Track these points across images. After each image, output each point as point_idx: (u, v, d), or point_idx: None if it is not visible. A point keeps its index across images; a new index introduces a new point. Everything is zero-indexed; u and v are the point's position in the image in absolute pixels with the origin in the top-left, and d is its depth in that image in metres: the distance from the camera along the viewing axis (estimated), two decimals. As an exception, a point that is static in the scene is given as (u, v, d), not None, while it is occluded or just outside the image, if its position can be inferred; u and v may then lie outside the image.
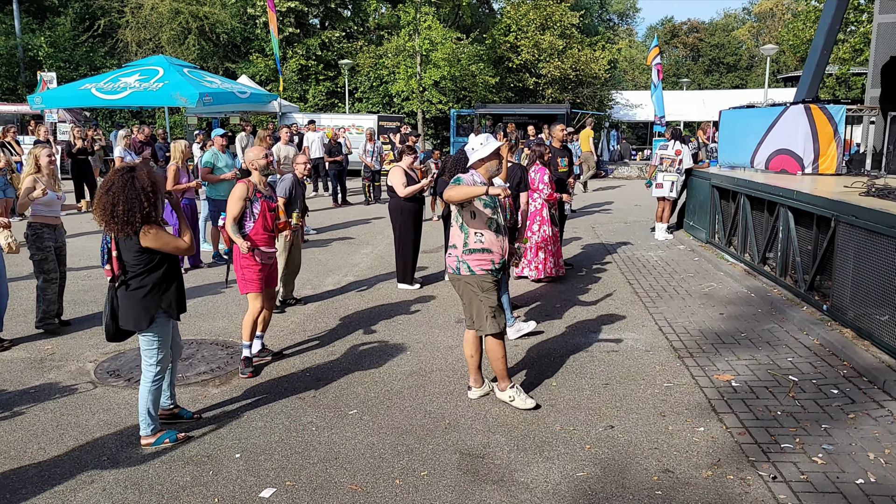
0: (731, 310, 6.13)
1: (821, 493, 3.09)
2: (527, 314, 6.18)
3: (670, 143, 9.70)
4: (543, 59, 26.28)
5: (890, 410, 3.90)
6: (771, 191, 6.94)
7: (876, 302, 4.81)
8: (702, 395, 4.27)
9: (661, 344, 5.28)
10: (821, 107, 8.32)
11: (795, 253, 6.36)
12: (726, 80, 48.50)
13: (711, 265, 7.99)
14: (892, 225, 4.61)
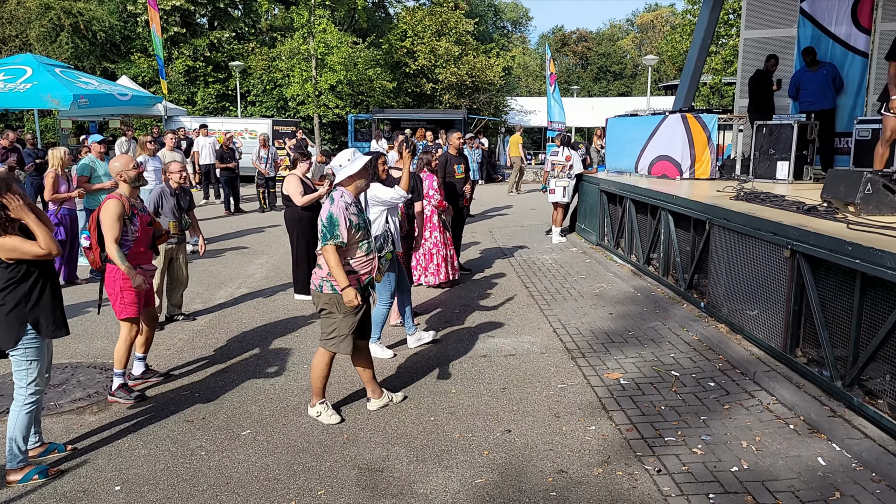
0: (620, 309, 6.42)
1: (700, 483, 3.29)
2: (428, 321, 6.20)
3: (560, 149, 10.06)
4: (440, 65, 26.59)
5: (760, 400, 4.22)
6: (653, 195, 7.35)
7: (746, 298, 5.20)
8: (593, 394, 4.44)
9: (556, 346, 5.45)
10: (696, 116, 8.91)
11: (676, 254, 6.77)
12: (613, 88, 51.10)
13: (601, 266, 8.36)
14: (757, 227, 4.99)
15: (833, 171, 5.79)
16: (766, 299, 4.86)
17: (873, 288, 3.78)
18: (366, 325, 4.17)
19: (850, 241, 3.88)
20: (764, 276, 4.89)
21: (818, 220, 4.82)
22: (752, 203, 5.89)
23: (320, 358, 4.06)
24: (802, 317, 4.50)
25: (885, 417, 3.55)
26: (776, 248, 4.69)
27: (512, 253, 9.51)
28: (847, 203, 5.09)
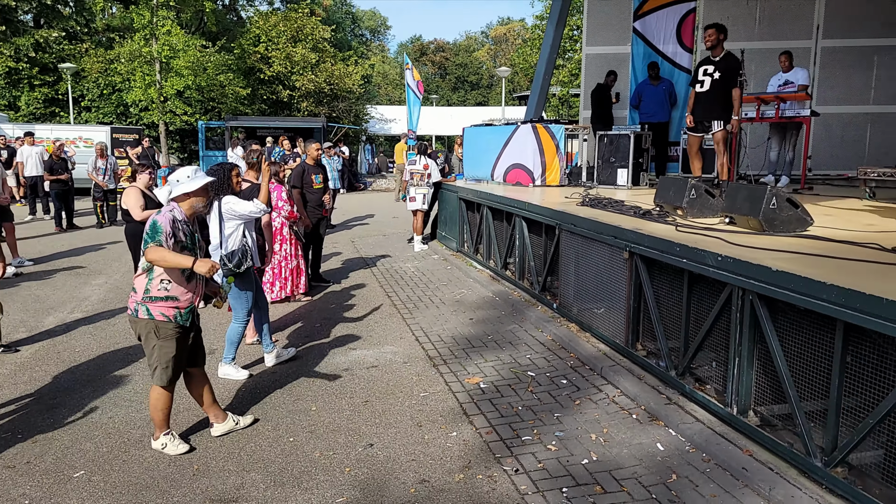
0: (480, 314, 6.59)
1: (555, 478, 3.43)
2: (288, 337, 5.99)
3: (418, 158, 10.18)
4: (297, 72, 25.98)
5: (606, 393, 4.49)
6: (508, 202, 7.63)
7: (593, 298, 5.53)
8: (455, 400, 4.50)
9: (419, 354, 5.47)
10: (545, 126, 9.39)
11: (530, 258, 7.06)
12: (471, 97, 52.72)
13: (462, 273, 8.54)
14: (600, 231, 5.33)
15: (663, 178, 6.33)
16: (610, 298, 5.20)
17: (699, 284, 4.16)
18: (198, 352, 3.92)
19: (679, 242, 4.24)
20: (607, 276, 5.23)
21: (652, 223, 5.23)
22: (596, 208, 6.28)
23: (155, 390, 3.77)
24: (641, 313, 4.86)
25: (712, 402, 3.91)
26: (617, 251, 5.03)
27: (374, 262, 9.46)
28: (676, 207, 5.58)
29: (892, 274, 3.21)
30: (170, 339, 3.66)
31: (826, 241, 4.15)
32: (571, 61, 28.38)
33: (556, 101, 30.87)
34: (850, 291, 2.82)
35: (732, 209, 4.98)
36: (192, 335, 3.82)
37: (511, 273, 7.73)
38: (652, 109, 10.07)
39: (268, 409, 4.39)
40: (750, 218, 4.70)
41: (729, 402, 3.75)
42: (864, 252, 3.77)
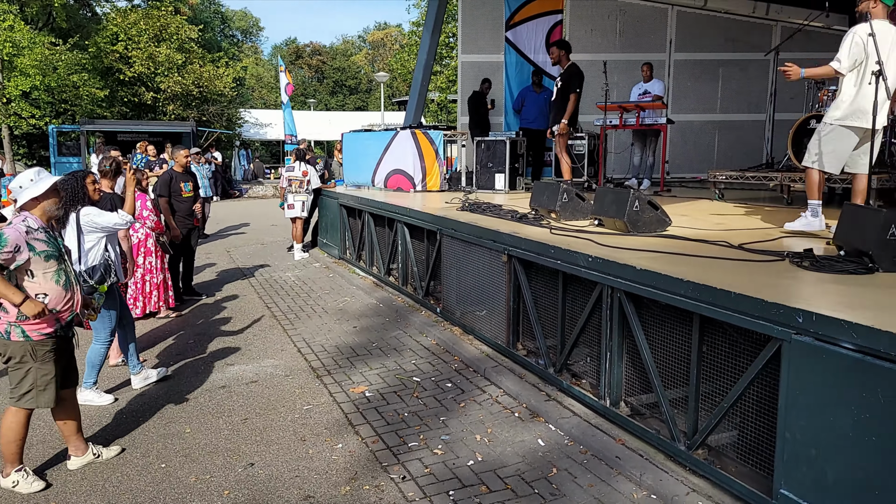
0: (364, 322, 6.52)
1: (441, 482, 3.45)
2: (157, 356, 5.62)
3: (296, 164, 9.93)
4: (161, 73, 24.52)
5: (490, 394, 4.59)
6: (389, 208, 7.62)
7: (474, 301, 5.64)
8: (339, 411, 4.42)
9: (301, 366, 5.32)
10: (424, 132, 9.48)
11: (413, 263, 7.09)
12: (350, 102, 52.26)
13: (345, 280, 8.42)
14: (480, 236, 5.45)
15: (537, 182, 6.58)
16: (491, 301, 5.33)
17: (573, 284, 4.36)
18: (70, 372, 3.61)
19: (553, 244, 4.43)
20: (488, 279, 5.36)
21: (528, 226, 5.42)
22: (476, 213, 6.42)
23: (13, 417, 3.40)
24: (521, 314, 5.02)
25: (587, 396, 4.11)
26: (496, 254, 5.16)
27: (252, 272, 9.11)
28: (550, 210, 5.82)
29: (738, 269, 3.53)
30: (48, 362, 3.34)
31: (683, 240, 4.49)
32: (448, 67, 28.91)
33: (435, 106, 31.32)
34: (702, 286, 3.06)
35: (601, 212, 5.27)
36: (67, 353, 3.52)
37: (394, 279, 7.72)
38: (532, 115, 10.46)
39: (136, 436, 4.09)
40: (616, 220, 5.00)
41: (602, 394, 3.95)
42: (714, 249, 4.12)
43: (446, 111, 32.53)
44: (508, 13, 11.28)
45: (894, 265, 3.26)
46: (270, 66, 50.70)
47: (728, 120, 12.54)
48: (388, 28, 56.83)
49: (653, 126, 9.08)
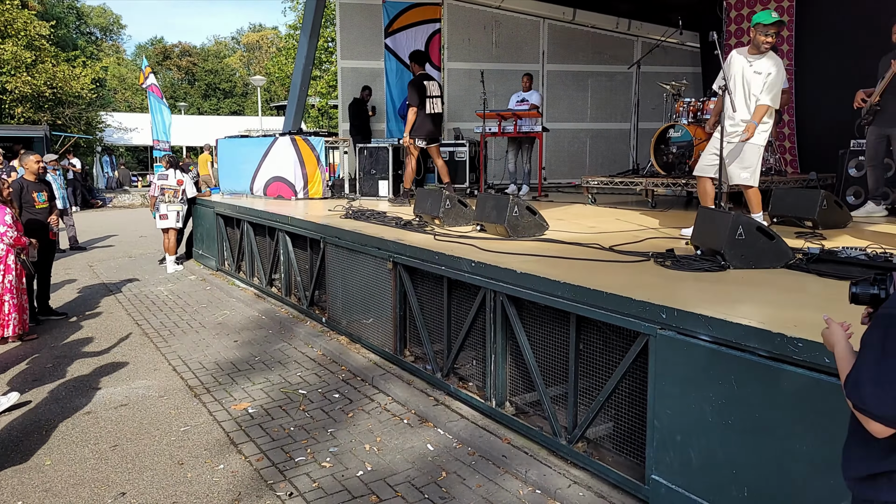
0: (245, 335, 6.27)
1: (331, 496, 3.38)
2: (9, 383, 5.09)
3: (170, 172, 9.40)
4: (7, 73, 22.34)
5: (378, 402, 4.57)
6: (270, 217, 7.39)
7: (361, 309, 5.59)
8: (220, 430, 4.21)
9: (177, 385, 5.03)
10: (304, 138, 9.29)
11: (296, 273, 6.92)
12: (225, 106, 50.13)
13: (224, 293, 8.06)
14: (364, 243, 5.42)
15: (421, 189, 6.65)
16: (378, 308, 5.31)
17: (457, 289, 4.44)
18: None
19: (437, 250, 4.48)
20: (374, 287, 5.33)
21: (412, 233, 5.46)
22: (360, 220, 6.38)
23: None
24: (407, 320, 5.04)
25: (474, 398, 4.20)
26: (381, 261, 5.15)
27: (119, 288, 8.49)
28: (434, 217, 5.90)
29: (609, 269, 3.75)
30: None
31: (559, 244, 4.71)
32: (329, 73, 28.54)
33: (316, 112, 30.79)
34: (578, 287, 3.22)
35: (482, 217, 5.41)
36: None
37: (277, 290, 7.50)
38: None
39: (-15, 474, 3.68)
40: (497, 225, 5.15)
41: (488, 396, 4.05)
42: (588, 251, 4.35)
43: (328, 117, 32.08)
44: (387, 20, 11.33)
45: (742, 262, 3.60)
46: (135, 67, 47.58)
47: (598, 128, 13.30)
48: (264, 30, 55.19)
49: (529, 134, 9.45)
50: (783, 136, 9.44)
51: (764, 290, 3.14)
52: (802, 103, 9.21)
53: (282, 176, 9.25)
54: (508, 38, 12.38)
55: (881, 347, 1.35)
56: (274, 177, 9.34)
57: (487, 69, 11.45)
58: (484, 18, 12.13)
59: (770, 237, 3.65)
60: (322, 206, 8.06)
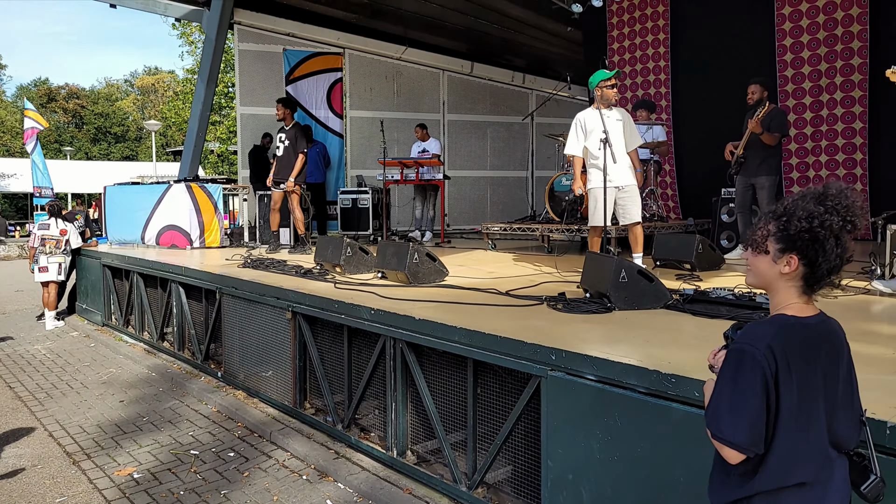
0: (132, 394, 5.90)
1: (225, 563, 3.21)
2: None
3: (51, 220, 8.83)
4: None
5: (276, 458, 4.41)
6: (162, 268, 7.08)
7: (259, 362, 5.42)
8: (101, 498, 3.91)
9: (53, 453, 4.63)
10: (201, 185, 9.03)
11: (191, 326, 6.63)
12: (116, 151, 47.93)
13: (110, 349, 7.57)
14: (262, 293, 5.29)
15: (322, 237, 6.61)
16: (277, 360, 5.17)
17: (357, 337, 4.41)
18: None
19: (337, 299, 4.46)
20: (273, 338, 5.20)
21: (313, 281, 5.40)
22: (259, 269, 6.24)
23: None
24: (307, 371, 4.93)
25: (375, 449, 4.14)
26: (280, 311, 5.05)
27: (-10, 347, 7.79)
28: (335, 265, 5.87)
29: (505, 313, 3.87)
30: None
31: (458, 289, 4.81)
32: (229, 118, 28.00)
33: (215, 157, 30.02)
34: (474, 332, 3.30)
35: (383, 265, 5.44)
36: None
37: (169, 344, 7.14)
38: (309, 169, 10.50)
39: None
40: (398, 272, 5.20)
41: (390, 446, 4.01)
42: (485, 296, 4.47)
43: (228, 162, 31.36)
44: (288, 68, 11.35)
45: (626, 303, 3.81)
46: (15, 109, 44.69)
47: (497, 176, 13.78)
48: (160, 73, 53.58)
49: (431, 181, 9.65)
50: (665, 185, 10.16)
51: (644, 329, 3.34)
52: (681, 154, 9.98)
53: (176, 224, 8.92)
54: (410, 88, 12.71)
55: (733, 379, 1.48)
56: (168, 225, 8.98)
57: (390, 117, 11.69)
58: (385, 68, 12.41)
59: (650, 279, 3.90)
60: (219, 256, 7.82)
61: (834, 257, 1.49)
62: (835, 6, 8.16)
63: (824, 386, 1.49)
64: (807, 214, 1.48)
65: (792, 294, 1.54)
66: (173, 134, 40.92)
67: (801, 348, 1.47)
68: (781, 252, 1.52)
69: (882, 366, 2.61)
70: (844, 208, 1.48)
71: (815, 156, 8.58)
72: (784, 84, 8.68)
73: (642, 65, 10.40)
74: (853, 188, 1.48)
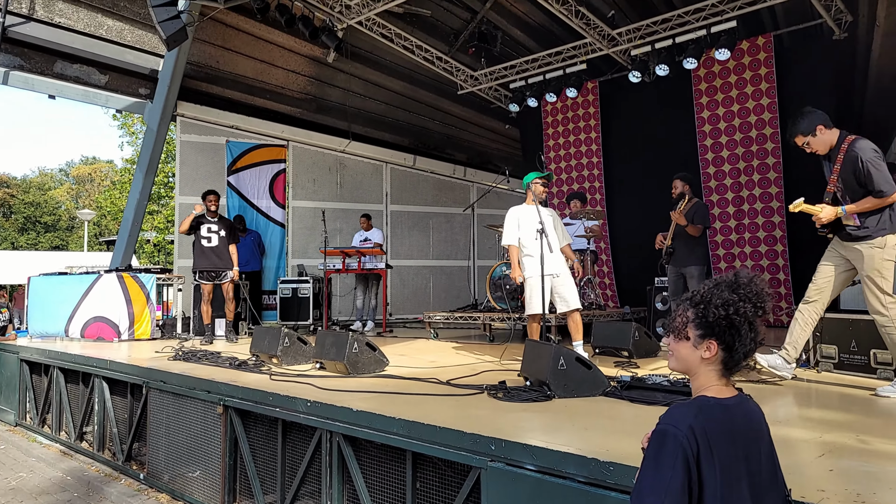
0: (43, 501, 5.41)
1: None
2: None
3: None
4: None
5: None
6: (85, 361, 6.71)
7: (187, 461, 5.10)
8: None
9: (-56, 571, 4.15)
10: (133, 275, 8.76)
11: (113, 424, 6.22)
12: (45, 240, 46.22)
13: (21, 452, 6.98)
14: (192, 386, 5.06)
15: (258, 327, 6.44)
16: (206, 458, 4.87)
17: (292, 431, 4.23)
18: None
19: (272, 391, 4.30)
20: (202, 435, 4.92)
21: (247, 373, 5.21)
22: (190, 362, 5.99)
23: None
24: (238, 469, 4.66)
25: (309, 552, 3.89)
26: (211, 406, 4.81)
27: None
28: (271, 356, 5.70)
29: (445, 403, 3.80)
30: None
31: (398, 379, 4.72)
32: (168, 207, 27.64)
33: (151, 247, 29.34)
34: (412, 423, 3.22)
35: (322, 355, 5.32)
36: None
37: (88, 444, 6.65)
38: (244, 258, 10.39)
39: None
40: (337, 362, 5.08)
41: (325, 549, 3.77)
42: (426, 386, 4.40)
43: (164, 252, 30.66)
44: (231, 158, 11.41)
45: (566, 391, 3.82)
46: (-60, 197, 42.90)
47: (440, 265, 13.91)
48: (98, 163, 52.83)
49: (373, 270, 9.66)
50: (603, 274, 10.48)
51: (583, 417, 3.34)
52: (616, 244, 10.39)
53: (104, 316, 8.54)
54: (353, 180, 12.92)
55: (655, 459, 1.49)
56: (95, 317, 8.59)
57: (333, 208, 11.80)
58: (329, 161, 12.63)
59: (588, 367, 3.94)
60: (149, 348, 7.48)
61: (748, 341, 1.57)
62: (747, 111, 8.90)
63: (747, 466, 1.52)
64: (723, 302, 1.56)
65: (712, 377, 1.60)
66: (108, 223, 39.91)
67: (722, 429, 1.51)
68: (701, 338, 1.58)
69: (809, 449, 2.67)
70: (755, 295, 1.57)
71: (739, 247, 9.08)
72: (707, 180, 9.28)
73: (576, 160, 10.96)
74: (761, 276, 1.57)
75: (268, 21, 9.91)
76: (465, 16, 10.38)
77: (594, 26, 9.04)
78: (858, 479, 2.29)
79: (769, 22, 9.07)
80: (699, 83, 9.31)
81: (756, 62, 8.78)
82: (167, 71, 9.99)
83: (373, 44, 10.49)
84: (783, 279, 8.67)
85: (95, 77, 10.12)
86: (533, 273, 5.41)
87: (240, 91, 11.36)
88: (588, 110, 10.71)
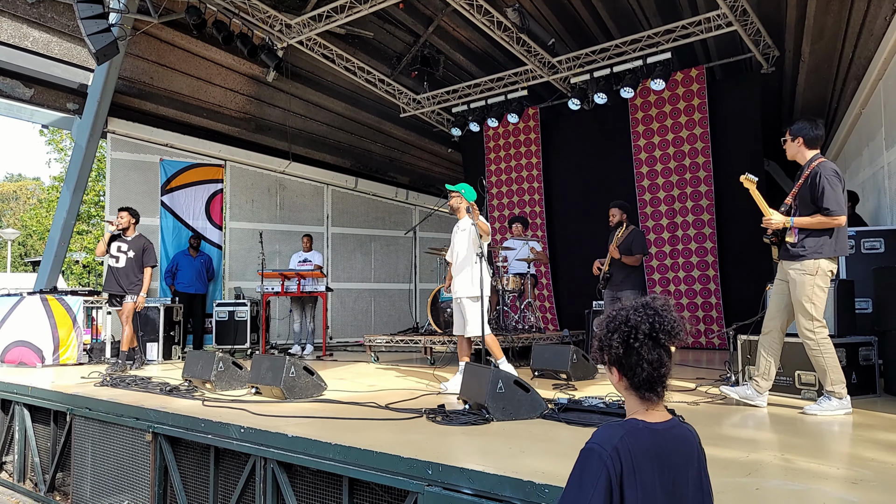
0: (-49, 540, 5.05)
1: None
2: None
3: None
4: None
5: None
6: (5, 388, 6.35)
7: (114, 490, 4.86)
8: None
9: None
10: (58, 298, 8.38)
11: (34, 453, 5.88)
12: (-36, 261, 43.57)
13: (-72, 486, 6.50)
14: (120, 413, 4.85)
15: (191, 352, 6.26)
16: (134, 487, 4.67)
17: (225, 459, 4.10)
18: None
19: (204, 417, 4.17)
20: (130, 463, 4.72)
21: (179, 399, 5.04)
22: (119, 388, 5.75)
23: None
24: (167, 498, 4.48)
25: (241, 585, 3.76)
26: (139, 433, 4.63)
27: None
28: (205, 381, 5.53)
29: (383, 428, 3.77)
30: None
31: (336, 404, 4.66)
32: (98, 227, 26.60)
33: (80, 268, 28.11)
34: (349, 448, 3.18)
35: (258, 379, 5.20)
36: None
37: (8, 475, 6.26)
38: (189, 280, 10.13)
39: None
40: (273, 387, 4.97)
41: (258, 581, 3.66)
42: (364, 410, 4.35)
43: (95, 273, 29.40)
44: (165, 178, 11.10)
45: (504, 414, 3.85)
46: None
47: (381, 288, 13.83)
48: (24, 181, 50.44)
49: (313, 293, 9.53)
50: (543, 297, 10.65)
51: (520, 440, 3.37)
52: (556, 268, 10.60)
53: (26, 340, 8.11)
54: (293, 201, 12.76)
55: (578, 477, 1.52)
56: (16, 341, 8.14)
57: (272, 229, 11.62)
58: (268, 181, 12.45)
59: (526, 389, 3.99)
60: (75, 373, 7.13)
61: (645, 366, 1.55)
62: (681, 140, 9.30)
63: (672, 490, 1.55)
64: (615, 327, 1.58)
65: (634, 401, 1.61)
66: (34, 243, 38.02)
67: (648, 452, 1.53)
68: (605, 364, 1.62)
69: (736, 469, 2.78)
70: (652, 318, 1.56)
71: (674, 271, 9.40)
72: (643, 206, 9.61)
73: (517, 185, 11.16)
74: (669, 303, 1.57)
75: (205, 38, 9.76)
76: (408, 39, 10.50)
77: (535, 54, 9.30)
78: (783, 498, 2.39)
79: (702, 55, 9.55)
80: (636, 112, 9.67)
81: (689, 93, 9.20)
82: (97, 86, 9.66)
83: (314, 64, 10.47)
84: (715, 303, 9.02)
85: (20, 90, 9.71)
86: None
87: (175, 108, 11.10)
88: (529, 136, 10.95)
